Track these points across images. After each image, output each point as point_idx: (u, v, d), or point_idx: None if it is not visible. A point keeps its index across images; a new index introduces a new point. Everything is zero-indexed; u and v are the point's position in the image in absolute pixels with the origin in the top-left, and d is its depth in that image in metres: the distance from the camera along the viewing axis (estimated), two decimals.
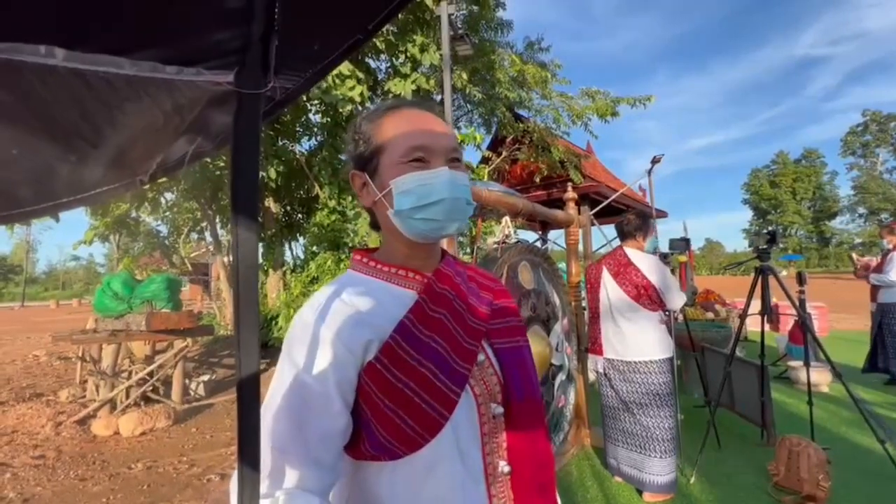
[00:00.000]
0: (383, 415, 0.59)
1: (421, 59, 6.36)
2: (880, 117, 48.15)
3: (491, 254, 2.56)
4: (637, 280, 2.52)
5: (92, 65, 0.46)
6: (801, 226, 51.90)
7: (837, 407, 3.79)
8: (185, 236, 11.07)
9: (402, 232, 0.65)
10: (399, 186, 0.63)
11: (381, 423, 0.59)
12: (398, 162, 0.64)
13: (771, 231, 3.00)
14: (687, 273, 6.56)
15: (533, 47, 9.01)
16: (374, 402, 0.59)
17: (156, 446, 3.81)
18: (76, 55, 0.43)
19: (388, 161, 0.65)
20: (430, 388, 0.59)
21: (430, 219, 0.64)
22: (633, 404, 2.52)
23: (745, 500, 2.43)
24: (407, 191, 0.63)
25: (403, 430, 0.58)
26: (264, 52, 0.49)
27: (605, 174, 10.50)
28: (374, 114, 0.69)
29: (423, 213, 0.63)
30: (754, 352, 3.41)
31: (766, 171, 55.05)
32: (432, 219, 0.64)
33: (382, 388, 0.59)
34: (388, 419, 0.58)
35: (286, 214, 8.51)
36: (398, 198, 0.64)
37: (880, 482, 2.50)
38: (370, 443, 0.60)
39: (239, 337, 0.58)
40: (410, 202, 0.63)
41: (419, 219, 0.63)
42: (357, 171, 0.69)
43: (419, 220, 0.64)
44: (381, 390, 0.59)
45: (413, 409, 0.58)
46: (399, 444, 0.58)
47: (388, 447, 0.59)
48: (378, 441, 0.59)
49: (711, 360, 3.73)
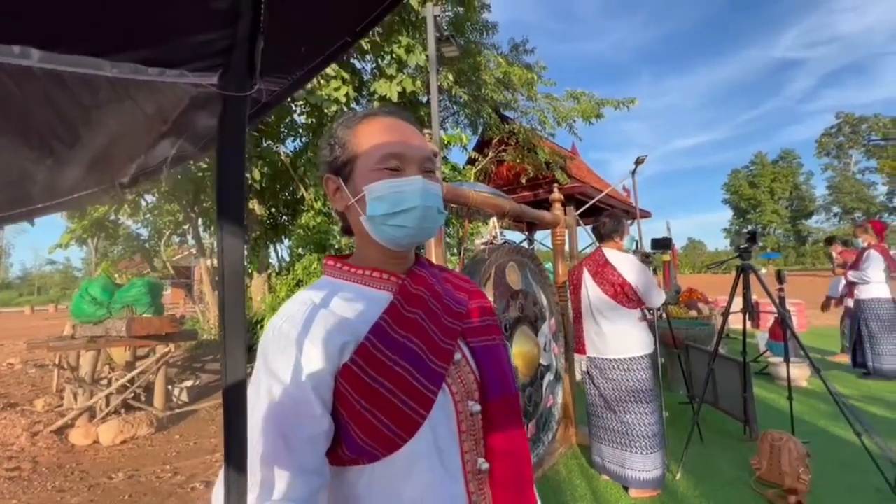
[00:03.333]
0: (361, 416, 0.59)
1: (407, 60, 6.35)
2: (853, 119, 49.67)
3: (479, 255, 2.56)
4: (614, 279, 2.58)
5: (70, 66, 0.45)
6: (778, 225, 53.22)
7: (816, 401, 3.89)
8: (166, 239, 10.84)
9: (374, 237, 0.67)
10: (372, 192, 0.64)
11: (358, 426, 0.59)
12: (373, 168, 0.65)
13: (751, 230, 3.07)
14: (671, 272, 6.66)
15: (518, 49, 9.08)
16: (350, 404, 0.59)
17: (137, 455, 3.71)
18: (53, 56, 0.42)
19: (363, 167, 0.66)
20: (406, 387, 0.60)
21: (402, 225, 0.65)
22: (614, 402, 2.56)
23: (729, 494, 2.47)
24: (380, 197, 0.64)
25: (381, 432, 0.58)
26: (250, 53, 0.48)
27: (590, 175, 10.63)
28: (350, 121, 0.69)
29: (394, 219, 0.65)
30: (736, 348, 3.49)
31: (745, 171, 56.33)
32: (403, 225, 0.65)
33: (359, 389, 0.59)
34: (365, 421, 0.59)
35: (271, 216, 8.40)
36: (371, 203, 0.65)
37: (858, 474, 2.58)
38: (348, 446, 0.60)
39: (225, 344, 0.57)
40: (383, 208, 0.64)
41: (391, 225, 0.65)
42: (331, 176, 0.69)
43: (390, 227, 0.65)
44: (358, 392, 0.59)
45: (390, 410, 0.59)
46: (377, 446, 0.59)
47: (367, 449, 0.59)
48: (356, 444, 0.59)
49: (695, 357, 3.80)
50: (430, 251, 2.28)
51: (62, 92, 0.50)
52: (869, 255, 4.70)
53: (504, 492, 0.68)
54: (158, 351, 4.85)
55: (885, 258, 4.68)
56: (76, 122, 0.57)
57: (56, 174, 0.61)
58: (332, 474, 0.62)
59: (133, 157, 0.65)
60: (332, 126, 0.72)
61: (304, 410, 0.58)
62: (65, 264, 47.85)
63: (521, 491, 0.70)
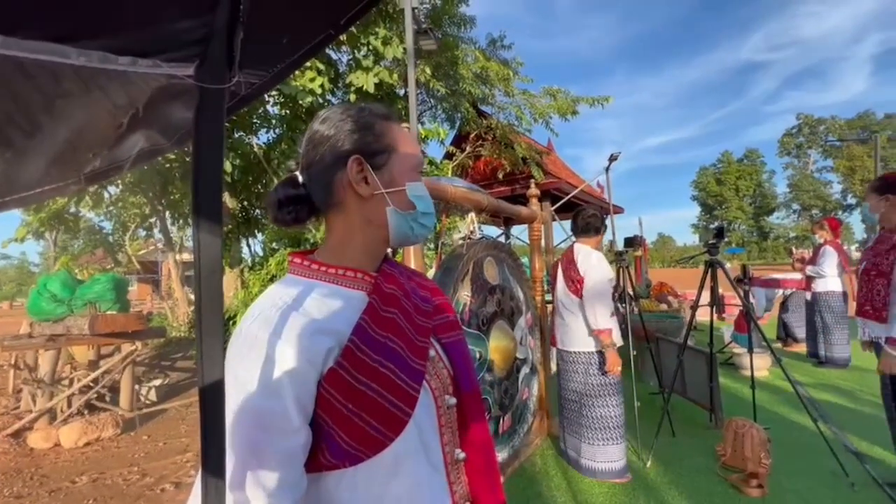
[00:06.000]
0: (347, 420, 0.58)
1: (384, 52, 6.26)
2: (812, 120, 52.17)
3: (456, 250, 2.56)
4: (575, 276, 2.64)
5: (31, 53, 0.42)
6: (743, 221, 55.53)
7: (777, 389, 4.10)
8: (131, 233, 10.40)
9: (394, 231, 0.68)
10: (415, 190, 0.69)
11: (344, 429, 0.58)
12: (410, 169, 0.70)
13: (718, 227, 3.19)
14: (642, 266, 6.85)
15: (495, 44, 9.08)
16: (336, 409, 0.58)
17: (102, 457, 3.57)
18: (14, 42, 0.39)
19: (402, 165, 0.69)
20: (392, 387, 0.60)
21: (426, 226, 0.71)
22: (579, 394, 2.64)
23: (697, 480, 2.58)
24: (420, 197, 0.69)
25: (368, 433, 0.58)
26: (228, 44, 0.46)
27: (566, 171, 10.77)
28: (380, 115, 0.70)
29: (424, 219, 0.70)
30: (703, 340, 3.62)
31: (712, 169, 58.43)
32: (427, 226, 0.71)
33: (346, 393, 0.58)
34: (352, 424, 0.58)
35: (243, 210, 8.17)
36: (416, 200, 0.69)
37: (814, 457, 2.73)
38: (331, 452, 0.58)
39: (201, 345, 0.55)
40: (424, 207, 0.69)
41: (420, 223, 0.70)
42: (361, 158, 0.65)
43: (419, 225, 0.70)
44: (345, 396, 0.58)
45: (378, 411, 0.59)
46: (364, 448, 0.58)
47: (352, 452, 0.58)
48: (340, 448, 0.58)
49: (665, 349, 3.93)
50: (408, 247, 2.27)
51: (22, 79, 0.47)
52: (825, 251, 4.96)
53: (479, 477, 0.73)
54: (124, 349, 4.66)
55: (838, 254, 4.95)
56: (37, 111, 0.54)
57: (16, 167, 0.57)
58: (309, 481, 0.60)
59: (101, 150, 0.61)
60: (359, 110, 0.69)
61: (281, 425, 0.56)
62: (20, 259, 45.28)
63: (492, 475, 0.75)
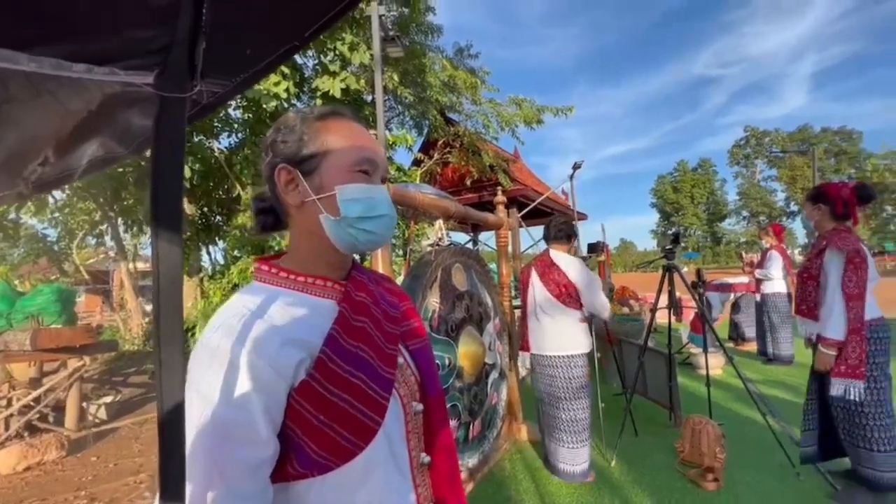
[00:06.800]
0: (318, 431, 0.57)
1: (351, 58, 6.22)
2: (758, 133, 55.83)
3: (425, 256, 2.57)
4: (559, 279, 2.69)
5: None
6: (698, 227, 58.57)
7: (730, 387, 4.32)
8: (80, 240, 9.79)
9: (332, 238, 0.65)
10: (346, 194, 0.63)
11: (314, 440, 0.57)
12: (346, 169, 0.64)
13: (675, 232, 3.35)
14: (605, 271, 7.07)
15: (462, 53, 9.21)
16: (306, 419, 0.57)
17: (45, 482, 3.33)
18: None
19: (334, 166, 0.64)
20: (363, 397, 0.60)
21: (371, 231, 0.65)
22: (552, 397, 2.70)
23: (658, 477, 2.68)
24: (354, 199, 0.63)
25: (339, 443, 0.58)
26: (190, 53, 0.45)
27: (532, 178, 11.01)
28: (315, 116, 0.66)
29: (365, 224, 0.64)
30: (662, 341, 3.78)
31: (669, 177, 61.40)
32: (373, 231, 0.65)
33: (317, 404, 0.58)
34: (322, 434, 0.57)
35: (203, 216, 7.87)
36: (345, 205, 0.63)
37: (764, 450, 2.90)
38: (300, 462, 0.58)
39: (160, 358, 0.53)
40: (357, 211, 0.63)
41: (359, 229, 0.64)
42: (287, 166, 0.64)
43: (358, 230, 0.64)
44: (316, 407, 0.57)
45: (349, 421, 0.59)
46: (333, 457, 0.58)
47: (322, 462, 0.58)
48: (310, 458, 0.57)
49: (627, 351, 4.07)
50: (376, 253, 2.26)
51: None
52: (771, 255, 5.32)
53: (442, 481, 0.73)
54: (71, 365, 4.37)
55: (783, 258, 5.31)
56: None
57: None
58: (276, 491, 0.59)
59: (51, 158, 0.58)
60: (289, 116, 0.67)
61: (247, 436, 0.54)
62: None
63: (455, 479, 0.76)
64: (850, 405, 2.24)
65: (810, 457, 2.51)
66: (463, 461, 2.46)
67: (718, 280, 6.62)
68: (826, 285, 2.30)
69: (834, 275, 2.26)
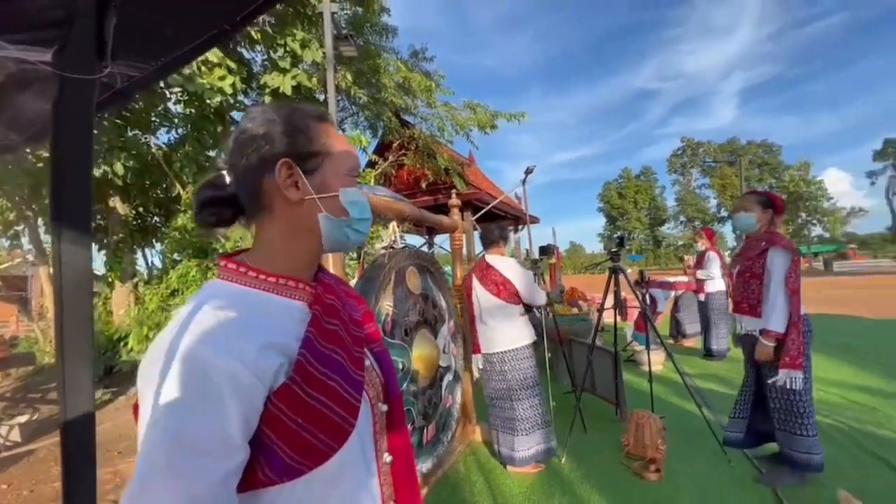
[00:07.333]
0: (294, 434, 0.56)
1: (302, 55, 6.04)
2: (693, 144, 60.25)
3: (379, 259, 2.52)
4: (497, 278, 2.85)
5: None
6: (641, 230, 62.20)
7: (670, 381, 4.57)
8: None
9: (326, 238, 0.67)
10: (348, 196, 0.67)
11: (289, 444, 0.56)
12: (344, 174, 0.68)
13: (620, 236, 3.51)
14: (556, 273, 7.29)
15: (418, 56, 9.21)
16: (283, 424, 0.56)
17: None
18: None
19: (335, 168, 0.67)
20: (339, 399, 0.60)
21: (361, 232, 0.70)
22: (505, 390, 2.82)
23: (605, 471, 2.78)
24: (354, 202, 0.68)
25: (315, 446, 0.57)
26: (98, 29, 0.40)
27: (486, 182, 11.18)
28: (314, 116, 0.68)
29: (359, 225, 0.69)
30: (609, 340, 3.94)
31: (615, 184, 64.80)
32: (363, 232, 0.70)
33: (296, 407, 0.57)
34: (299, 438, 0.56)
35: (138, 217, 7.33)
36: (348, 206, 0.67)
37: (701, 440, 3.08)
38: (272, 468, 0.56)
39: (64, 374, 0.47)
40: (356, 213, 0.68)
41: (354, 229, 0.68)
42: (290, 161, 0.63)
43: (353, 231, 0.68)
44: (295, 410, 0.56)
45: (326, 423, 0.59)
46: (307, 461, 0.57)
47: (295, 466, 0.56)
48: (283, 463, 0.56)
49: (577, 350, 4.21)
50: (327, 256, 2.19)
51: None
52: (709, 257, 5.72)
53: (401, 479, 0.75)
54: None
55: (719, 259, 5.73)
56: None
57: None
58: (243, 500, 0.56)
59: None
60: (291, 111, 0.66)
61: (220, 447, 0.51)
62: None
63: (413, 478, 0.78)
64: (788, 395, 2.42)
65: (733, 441, 2.71)
66: (417, 466, 2.43)
67: (660, 279, 7.01)
68: (769, 283, 2.48)
69: (779, 272, 2.44)
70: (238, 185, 0.65)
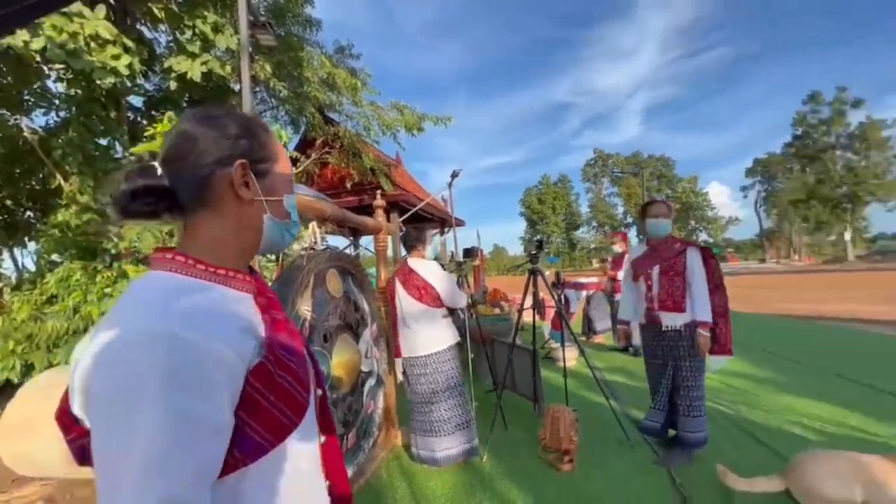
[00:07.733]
0: (266, 412, 0.61)
1: (214, 39, 5.57)
2: (604, 155, 65.80)
3: (297, 261, 2.39)
4: (418, 283, 2.87)
5: None
6: (558, 234, 66.46)
7: (582, 376, 4.89)
8: None
9: (267, 237, 0.72)
10: (290, 201, 0.75)
11: (260, 422, 0.60)
12: (287, 182, 0.75)
13: (539, 240, 3.68)
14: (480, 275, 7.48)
15: (343, 52, 8.95)
16: (256, 401, 0.60)
17: None
18: None
19: (281, 176, 0.74)
20: (297, 377, 0.67)
21: (294, 234, 0.77)
22: (427, 393, 2.84)
23: (524, 465, 2.89)
24: (293, 206, 0.76)
25: (282, 422, 0.63)
26: None
27: (413, 184, 11.18)
28: (264, 126, 0.74)
29: (294, 229, 0.77)
30: (528, 339, 4.12)
31: (535, 189, 68.61)
32: (294, 234, 0.78)
33: (269, 385, 0.62)
34: (270, 416, 0.61)
35: (6, 211, 6.27)
36: (291, 210, 0.76)
37: (608, 428, 3.33)
38: (242, 447, 0.59)
39: None
40: (294, 217, 0.76)
41: (290, 232, 0.76)
42: (246, 162, 0.68)
43: (290, 234, 0.77)
44: (268, 388, 0.61)
45: (290, 399, 0.64)
46: (273, 437, 0.62)
47: (264, 444, 0.61)
48: (253, 441, 0.59)
49: (498, 349, 4.34)
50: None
51: None
52: (627, 258, 6.21)
53: (334, 458, 0.82)
54: None
55: None
56: None
57: None
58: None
59: None
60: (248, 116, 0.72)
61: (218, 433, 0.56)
62: None
63: (339, 456, 0.84)
64: (697, 381, 2.72)
65: (650, 430, 2.97)
66: None
67: (574, 280, 7.50)
68: (692, 280, 2.75)
69: (700, 270, 2.75)
70: (179, 179, 0.66)
